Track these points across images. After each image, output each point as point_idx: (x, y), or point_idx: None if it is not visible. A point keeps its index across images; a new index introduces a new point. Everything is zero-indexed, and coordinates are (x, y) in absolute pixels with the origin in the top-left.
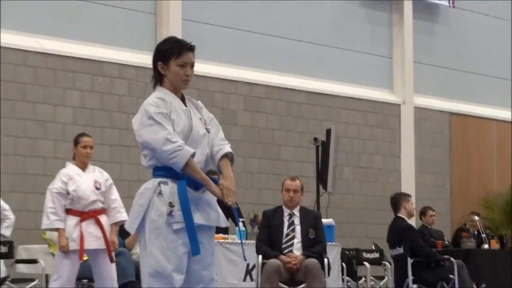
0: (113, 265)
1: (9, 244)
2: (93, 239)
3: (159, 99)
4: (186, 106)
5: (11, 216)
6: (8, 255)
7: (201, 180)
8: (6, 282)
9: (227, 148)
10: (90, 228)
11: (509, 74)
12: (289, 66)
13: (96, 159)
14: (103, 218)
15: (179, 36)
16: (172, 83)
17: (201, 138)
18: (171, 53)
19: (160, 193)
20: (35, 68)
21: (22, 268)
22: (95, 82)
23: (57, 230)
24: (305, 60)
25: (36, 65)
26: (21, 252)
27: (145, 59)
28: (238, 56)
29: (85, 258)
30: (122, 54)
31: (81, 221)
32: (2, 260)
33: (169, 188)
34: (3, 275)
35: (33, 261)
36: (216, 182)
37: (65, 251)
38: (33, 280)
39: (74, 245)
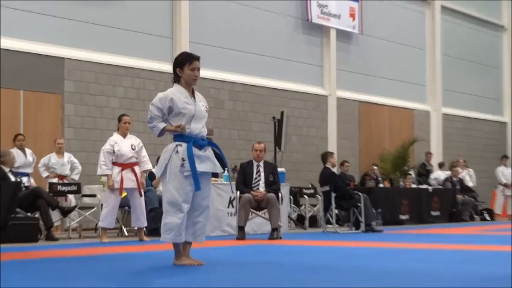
0: (142, 198)
1: (78, 185)
2: (129, 181)
3: (165, 95)
4: (194, 97)
5: (79, 166)
6: (77, 192)
7: (174, 130)
8: (76, 209)
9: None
10: (128, 174)
11: (398, 76)
12: (258, 71)
13: (134, 131)
14: (136, 168)
15: None
16: (186, 81)
17: (203, 116)
18: (185, 61)
19: (177, 152)
20: (95, 73)
21: (86, 200)
22: (133, 81)
23: (106, 175)
24: (268, 67)
25: (96, 70)
26: (86, 190)
27: (166, 67)
28: (224, 65)
29: (124, 194)
30: (151, 64)
31: (122, 170)
32: (72, 195)
33: (183, 149)
34: (73, 204)
35: (93, 196)
36: (213, 144)
37: (111, 189)
38: (93, 207)
39: (116, 185)
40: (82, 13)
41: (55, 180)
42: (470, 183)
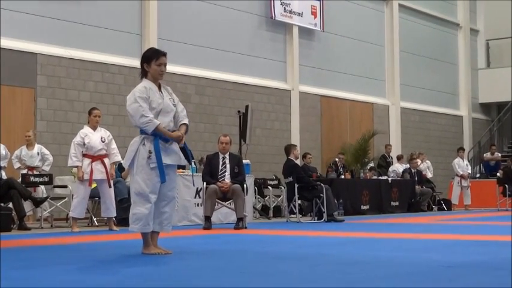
0: (111, 189)
1: (49, 176)
2: (99, 172)
3: (144, 87)
4: (161, 91)
5: (50, 158)
6: (49, 183)
7: (167, 135)
8: (48, 199)
9: (186, 120)
10: (97, 166)
11: (358, 71)
12: (223, 67)
13: (104, 123)
14: (106, 160)
15: None
16: (153, 76)
17: (170, 111)
18: (152, 57)
19: (144, 144)
20: (66, 68)
21: (57, 191)
22: (103, 76)
23: (76, 167)
24: (233, 63)
25: (68, 65)
26: (57, 181)
27: (135, 63)
28: (191, 61)
29: (94, 185)
30: (120, 59)
31: (92, 161)
32: (44, 186)
33: (149, 141)
34: (45, 195)
35: (64, 187)
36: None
37: (81, 180)
38: (64, 198)
39: (86, 176)
40: (54, 10)
41: (25, 171)
42: (428, 175)
